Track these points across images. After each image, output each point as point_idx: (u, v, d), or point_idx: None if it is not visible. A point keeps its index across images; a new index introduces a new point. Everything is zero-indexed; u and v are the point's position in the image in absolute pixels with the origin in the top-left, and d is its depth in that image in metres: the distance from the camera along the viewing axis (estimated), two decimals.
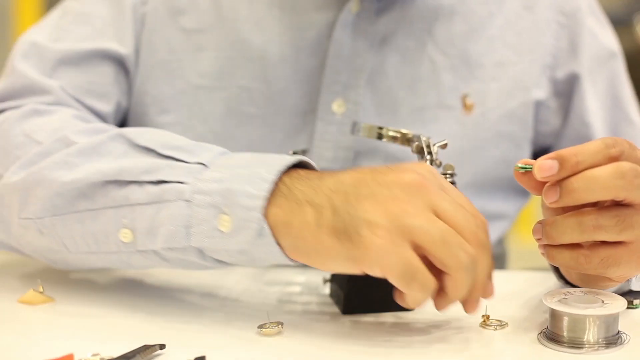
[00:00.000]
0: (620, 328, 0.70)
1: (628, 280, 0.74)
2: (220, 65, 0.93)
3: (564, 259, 0.68)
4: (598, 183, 0.64)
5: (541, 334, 0.71)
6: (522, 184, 0.68)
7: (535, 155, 1.01)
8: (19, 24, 2.78)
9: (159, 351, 0.68)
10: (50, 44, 0.92)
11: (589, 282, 0.73)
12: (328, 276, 0.81)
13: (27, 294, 0.80)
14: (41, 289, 0.80)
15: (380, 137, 0.83)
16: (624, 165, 0.64)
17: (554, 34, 0.98)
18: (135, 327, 0.74)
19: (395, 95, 0.93)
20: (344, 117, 0.92)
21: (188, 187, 0.69)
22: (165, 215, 0.69)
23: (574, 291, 0.72)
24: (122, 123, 0.97)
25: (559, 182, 0.65)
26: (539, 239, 0.68)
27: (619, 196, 0.65)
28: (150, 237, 0.71)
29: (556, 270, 0.76)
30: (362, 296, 0.76)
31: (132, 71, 0.94)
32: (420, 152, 0.77)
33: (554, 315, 0.69)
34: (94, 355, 0.66)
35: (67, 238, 0.76)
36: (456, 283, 0.64)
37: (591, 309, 0.68)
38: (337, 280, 0.79)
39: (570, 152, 0.64)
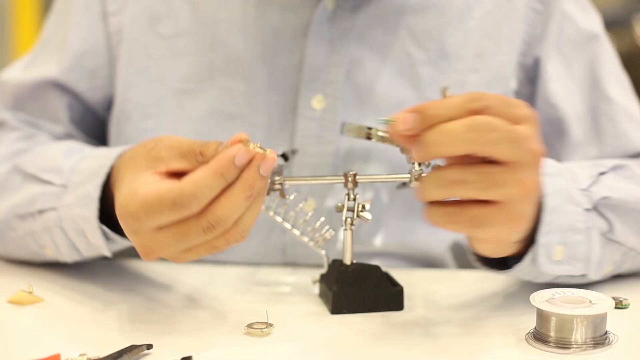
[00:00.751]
0: (608, 328, 0.70)
1: (585, 265, 0.75)
2: (200, 68, 0.94)
3: (436, 216, 0.67)
4: (450, 135, 0.63)
5: (529, 334, 0.71)
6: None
7: None
8: (18, 23, 2.78)
9: (146, 351, 0.68)
10: (17, 75, 1.00)
11: (485, 249, 0.72)
12: (317, 276, 0.81)
13: (16, 294, 0.80)
14: (30, 289, 0.80)
15: (369, 137, 0.83)
16: (479, 118, 0.63)
17: (529, 21, 0.97)
18: (123, 327, 0.74)
19: (375, 90, 0.94)
20: (324, 113, 0.92)
21: (56, 214, 0.82)
22: (59, 239, 0.83)
23: (562, 291, 0.72)
24: (103, 128, 1.00)
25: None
26: None
27: (473, 150, 0.63)
28: (68, 250, 0.84)
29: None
30: (351, 296, 0.76)
31: (84, 93, 0.97)
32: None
33: (542, 316, 0.69)
34: (81, 355, 0.66)
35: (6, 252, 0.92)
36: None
37: (578, 309, 0.68)
38: (326, 280, 0.79)
39: (430, 104, 0.64)
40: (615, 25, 2.97)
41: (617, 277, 0.84)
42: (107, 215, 0.79)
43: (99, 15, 0.97)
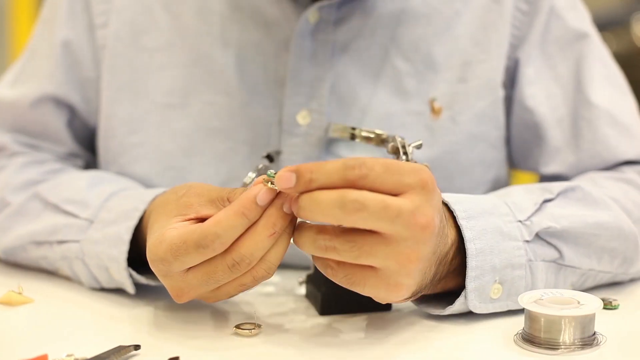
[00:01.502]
0: (597, 329, 0.70)
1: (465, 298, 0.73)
2: (184, 82, 0.93)
3: (318, 263, 0.67)
4: (318, 207, 0.62)
5: (517, 335, 0.70)
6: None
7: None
8: (16, 24, 2.78)
9: (134, 352, 0.68)
10: (7, 92, 0.99)
11: None
12: (303, 277, 0.81)
13: (6, 294, 0.80)
14: (20, 290, 0.80)
15: (353, 137, 0.83)
16: (349, 195, 0.61)
17: (516, 22, 0.95)
18: (111, 327, 0.75)
19: (361, 104, 0.92)
20: (309, 128, 0.90)
21: (78, 246, 0.83)
22: (79, 269, 0.84)
23: (551, 292, 0.72)
24: (92, 143, 1.00)
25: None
26: None
27: (343, 224, 0.63)
28: (88, 280, 0.84)
29: None
30: (340, 297, 0.76)
31: (77, 105, 0.97)
32: (395, 152, 0.77)
33: (530, 317, 0.69)
34: (69, 355, 0.66)
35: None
36: None
37: (566, 310, 0.68)
38: (313, 281, 0.79)
39: (307, 167, 0.63)
40: (614, 25, 2.96)
41: None
42: (133, 256, 0.79)
43: (86, 26, 0.96)
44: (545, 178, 0.96)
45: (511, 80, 0.96)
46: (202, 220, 0.69)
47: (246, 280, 0.69)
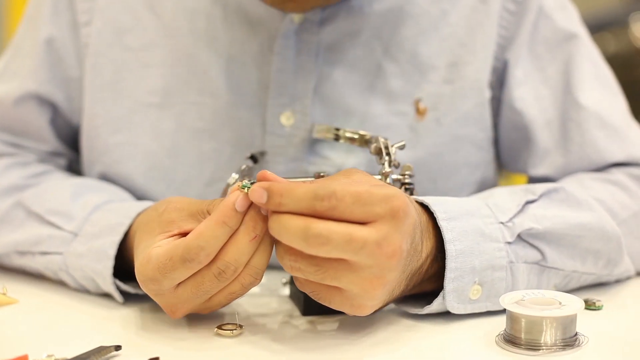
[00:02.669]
0: (580, 329, 0.69)
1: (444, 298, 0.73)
2: (167, 82, 0.93)
3: (290, 272, 0.67)
4: (285, 233, 0.63)
5: (499, 336, 0.70)
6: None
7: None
8: (13, 23, 2.78)
9: (115, 352, 0.68)
10: None
11: None
12: (287, 278, 0.81)
13: None
14: (4, 291, 0.80)
15: (337, 138, 0.83)
16: (313, 228, 0.62)
17: (504, 23, 0.94)
18: (93, 328, 0.75)
19: (345, 105, 0.91)
20: (293, 129, 0.90)
21: (62, 259, 0.83)
22: (66, 278, 0.84)
23: (533, 292, 0.72)
24: (75, 142, 1.00)
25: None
26: None
27: (307, 252, 0.63)
28: (76, 287, 0.84)
29: None
30: None
31: (60, 103, 0.97)
32: (378, 153, 0.77)
33: (512, 317, 0.69)
34: (49, 356, 0.66)
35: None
36: None
37: (547, 311, 0.68)
38: None
39: (278, 190, 0.63)
40: (612, 25, 2.96)
41: None
42: (119, 267, 0.80)
43: (70, 24, 0.96)
44: (534, 180, 0.96)
45: (500, 81, 0.96)
46: (185, 234, 0.69)
47: (235, 288, 0.69)
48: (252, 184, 0.66)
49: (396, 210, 0.64)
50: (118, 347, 0.68)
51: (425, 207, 0.74)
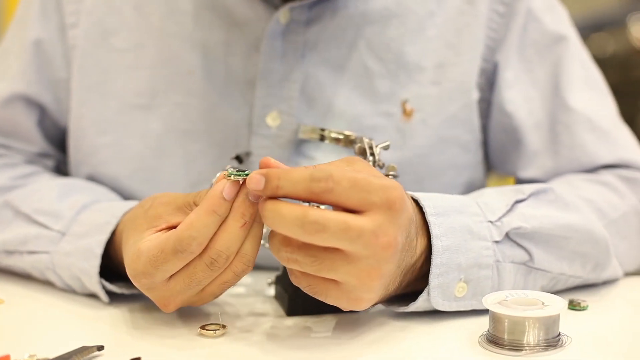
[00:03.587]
0: (564, 330, 0.69)
1: (428, 295, 0.72)
2: (154, 83, 0.93)
3: (287, 269, 0.67)
4: (281, 222, 0.62)
5: (482, 336, 0.70)
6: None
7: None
8: (4, 25, 2.79)
9: (97, 352, 0.68)
10: None
11: None
12: (272, 278, 0.81)
13: None
14: None
15: (322, 138, 0.83)
16: (310, 215, 0.61)
17: (492, 25, 0.94)
18: (80, 328, 0.75)
19: (332, 105, 0.91)
20: (279, 130, 0.90)
21: (49, 258, 0.83)
22: (52, 277, 0.84)
23: (516, 293, 0.72)
24: (63, 143, 1.00)
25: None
26: None
27: (303, 240, 0.63)
28: (62, 287, 0.84)
29: None
30: (307, 298, 0.75)
31: (48, 104, 0.97)
32: (362, 153, 0.77)
33: (494, 318, 0.69)
34: (31, 356, 0.66)
35: None
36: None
37: (530, 311, 0.68)
38: (282, 282, 0.79)
39: (275, 174, 0.63)
40: (610, 26, 2.96)
41: None
42: (104, 268, 0.80)
43: (57, 26, 0.96)
44: (523, 182, 0.96)
45: (490, 83, 0.96)
46: (173, 228, 0.69)
47: (227, 277, 0.69)
48: (237, 172, 0.66)
49: (392, 201, 0.64)
50: (100, 347, 0.68)
51: (416, 203, 0.74)
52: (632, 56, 2.81)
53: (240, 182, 0.66)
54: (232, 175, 0.66)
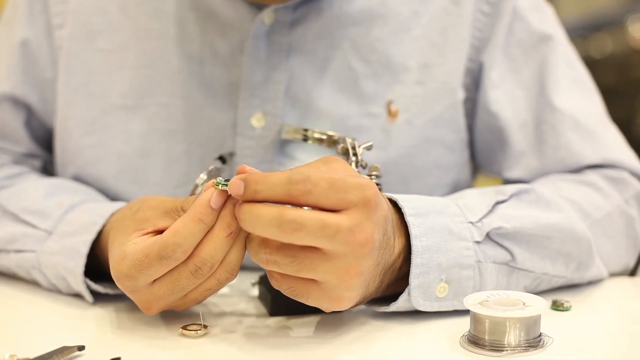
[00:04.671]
0: (546, 330, 0.69)
1: (409, 295, 0.72)
2: (139, 84, 0.93)
3: (267, 272, 0.67)
4: (258, 223, 0.62)
5: (463, 337, 0.70)
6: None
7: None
8: None
9: (77, 352, 0.68)
10: None
11: None
12: (256, 279, 0.81)
13: None
14: None
15: (305, 138, 0.83)
16: (287, 214, 0.61)
17: (478, 25, 0.94)
18: (56, 328, 0.75)
19: (317, 106, 0.91)
20: (264, 131, 0.90)
21: (35, 256, 0.83)
22: (38, 277, 0.84)
23: (497, 293, 0.71)
24: (50, 143, 1.00)
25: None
26: None
27: (281, 240, 0.63)
28: (47, 286, 0.84)
29: None
30: (289, 298, 0.76)
31: (35, 105, 0.97)
32: (345, 153, 0.77)
33: (475, 318, 0.69)
34: (11, 355, 0.66)
35: None
36: None
37: (510, 312, 0.68)
38: (266, 282, 0.79)
39: (253, 178, 0.63)
40: (609, 26, 2.96)
41: None
42: (90, 268, 0.80)
43: (44, 27, 0.96)
44: (509, 182, 0.95)
45: (475, 83, 0.96)
46: (159, 232, 0.69)
47: (211, 285, 0.69)
48: (226, 181, 0.66)
49: (368, 199, 0.64)
50: (81, 347, 0.68)
51: (395, 205, 0.74)
52: (631, 56, 2.81)
53: (228, 192, 0.66)
54: (220, 185, 0.66)
